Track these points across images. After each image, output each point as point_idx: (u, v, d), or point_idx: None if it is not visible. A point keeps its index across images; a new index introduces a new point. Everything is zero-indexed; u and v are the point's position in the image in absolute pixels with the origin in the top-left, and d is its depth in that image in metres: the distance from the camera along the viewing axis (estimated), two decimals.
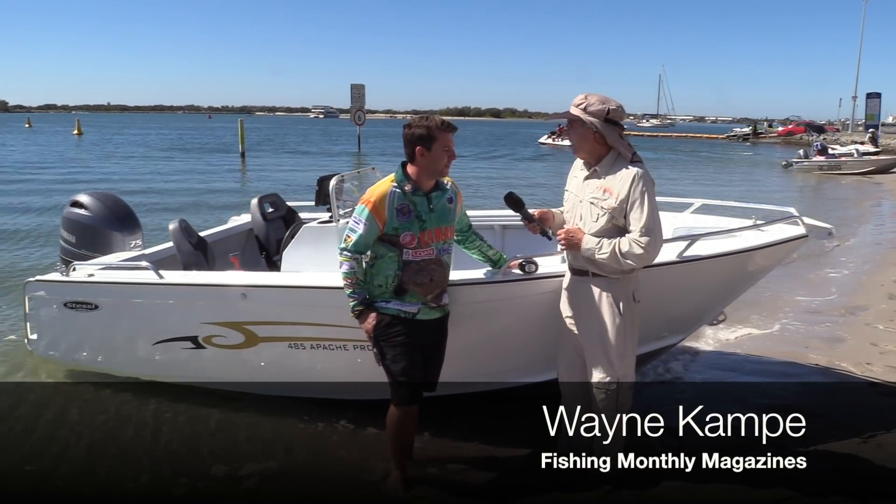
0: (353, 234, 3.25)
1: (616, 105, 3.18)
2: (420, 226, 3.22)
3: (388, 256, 3.24)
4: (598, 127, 3.14)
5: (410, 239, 3.21)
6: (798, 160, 28.05)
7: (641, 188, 3.07)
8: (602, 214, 3.14)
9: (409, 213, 3.21)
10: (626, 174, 3.11)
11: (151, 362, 4.51)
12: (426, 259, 3.25)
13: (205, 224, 6.47)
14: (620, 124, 3.22)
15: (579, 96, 3.23)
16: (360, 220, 3.22)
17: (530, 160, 35.15)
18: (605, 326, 3.26)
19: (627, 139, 3.26)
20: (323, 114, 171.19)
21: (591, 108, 3.15)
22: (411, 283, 3.25)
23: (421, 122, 3.22)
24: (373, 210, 3.19)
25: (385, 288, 3.27)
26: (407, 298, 3.27)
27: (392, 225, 3.20)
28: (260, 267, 5.58)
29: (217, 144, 42.75)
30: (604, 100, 3.18)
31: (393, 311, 3.28)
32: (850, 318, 6.57)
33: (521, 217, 3.45)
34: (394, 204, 3.20)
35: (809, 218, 4.14)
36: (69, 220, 5.19)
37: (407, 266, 3.23)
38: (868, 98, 47.77)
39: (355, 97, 34.02)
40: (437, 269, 3.31)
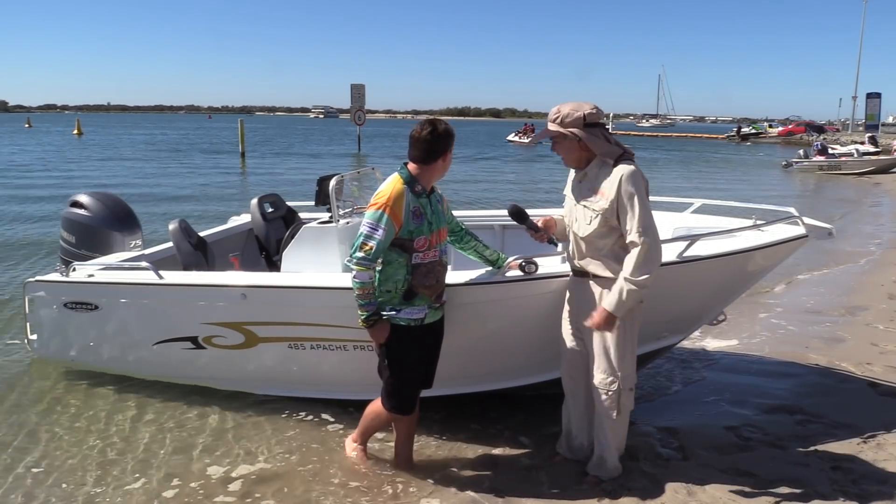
0: (371, 241, 3.09)
1: (590, 108, 3.19)
2: (429, 228, 3.21)
3: (398, 262, 3.18)
4: (581, 135, 3.15)
5: (424, 242, 3.18)
6: (798, 160, 28.05)
7: (629, 188, 3.05)
8: (595, 217, 3.14)
9: (422, 217, 3.18)
10: (614, 174, 3.10)
11: (151, 362, 4.52)
12: (433, 261, 3.25)
13: (204, 224, 6.46)
14: (600, 123, 3.22)
15: (552, 111, 3.25)
16: (380, 225, 3.09)
17: (493, 159, 34.92)
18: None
19: (615, 137, 3.27)
20: (323, 114, 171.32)
21: (568, 120, 3.16)
22: (420, 287, 3.22)
23: (444, 126, 3.21)
24: (391, 214, 3.10)
25: (394, 293, 3.22)
26: (416, 303, 3.24)
27: (407, 228, 3.14)
28: (260, 267, 5.58)
29: (217, 145, 42.75)
30: (577, 107, 3.19)
31: (403, 321, 3.24)
32: (850, 318, 6.57)
33: (525, 228, 3.46)
34: (409, 206, 3.14)
35: (809, 218, 4.14)
36: (69, 221, 5.19)
37: (416, 269, 3.19)
38: (868, 98, 47.79)
39: (355, 97, 34.00)
40: (441, 270, 3.32)
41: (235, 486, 3.50)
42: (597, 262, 3.20)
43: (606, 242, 3.16)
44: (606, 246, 3.17)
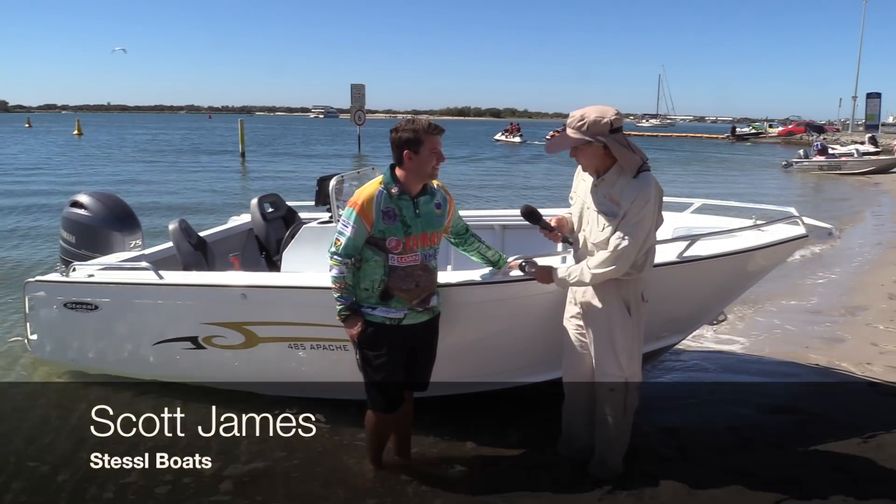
0: (341, 237, 3.21)
1: (614, 114, 3.10)
2: (405, 231, 3.19)
3: (375, 260, 3.21)
4: (606, 142, 3.08)
5: (396, 244, 3.19)
6: (798, 160, 28.05)
7: (643, 200, 3.03)
8: (608, 225, 3.10)
9: (395, 218, 3.18)
10: (635, 185, 3.05)
11: (151, 362, 4.51)
12: (411, 265, 3.22)
13: (205, 224, 6.46)
14: (621, 129, 3.17)
15: (574, 117, 3.13)
16: (349, 222, 3.19)
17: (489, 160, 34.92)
18: (614, 326, 3.25)
19: (632, 141, 3.23)
20: (323, 114, 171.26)
21: (595, 127, 3.07)
22: (397, 289, 3.22)
23: (408, 125, 3.20)
24: (360, 212, 3.16)
25: (371, 292, 3.25)
26: (392, 304, 3.24)
27: (378, 227, 3.17)
28: (260, 267, 5.58)
29: (217, 145, 42.73)
30: (602, 112, 3.09)
31: (378, 318, 3.26)
32: (850, 318, 6.57)
33: (539, 228, 3.44)
34: (380, 206, 3.17)
35: (809, 218, 4.14)
36: (69, 220, 5.18)
37: (393, 272, 3.20)
38: (868, 98, 47.78)
39: (355, 97, 33.99)
40: (423, 275, 3.27)
41: (228, 486, 3.51)
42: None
43: None
44: None
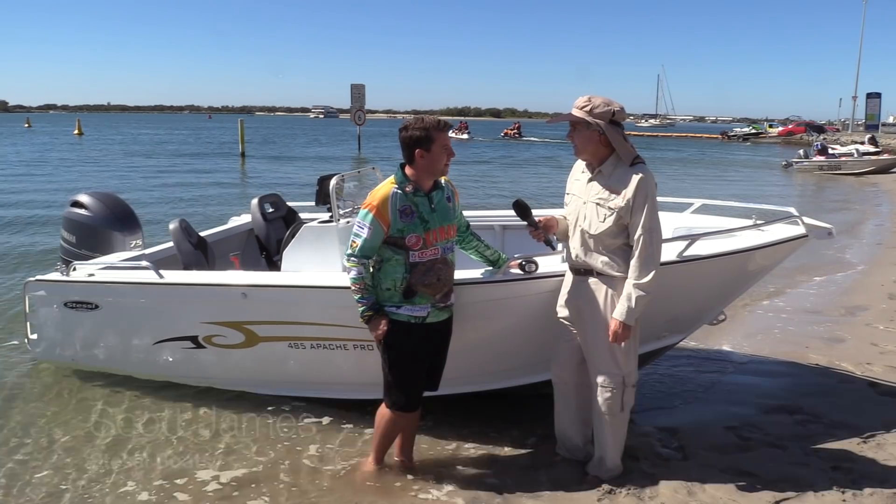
0: (358, 238, 3.22)
1: (619, 107, 3.20)
2: (424, 226, 3.22)
3: (395, 259, 3.23)
4: (604, 129, 3.15)
5: (416, 241, 3.20)
6: (798, 160, 28.04)
7: (645, 191, 3.10)
8: (609, 215, 3.15)
9: (412, 215, 3.21)
10: (632, 177, 3.12)
11: (152, 362, 4.52)
12: (432, 259, 3.25)
13: (205, 224, 6.46)
14: (622, 125, 3.23)
15: (582, 98, 3.23)
16: (365, 224, 3.20)
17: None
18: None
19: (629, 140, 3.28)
20: (323, 114, 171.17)
21: (597, 111, 3.16)
22: (420, 285, 3.24)
23: (417, 123, 3.22)
24: (376, 213, 3.18)
25: (394, 291, 3.25)
26: (417, 301, 3.26)
27: (396, 227, 3.19)
28: (260, 267, 5.59)
29: (217, 145, 42.74)
30: (608, 102, 3.19)
31: (404, 317, 3.26)
32: (850, 318, 6.57)
33: (526, 224, 3.46)
34: (396, 205, 3.19)
35: (809, 218, 4.14)
36: (69, 220, 5.19)
37: (414, 268, 3.22)
38: (868, 98, 47.81)
39: (355, 97, 34.00)
40: (444, 268, 3.30)
41: (228, 486, 3.50)
42: (604, 258, 3.21)
43: (616, 241, 3.18)
44: (616, 244, 3.19)
